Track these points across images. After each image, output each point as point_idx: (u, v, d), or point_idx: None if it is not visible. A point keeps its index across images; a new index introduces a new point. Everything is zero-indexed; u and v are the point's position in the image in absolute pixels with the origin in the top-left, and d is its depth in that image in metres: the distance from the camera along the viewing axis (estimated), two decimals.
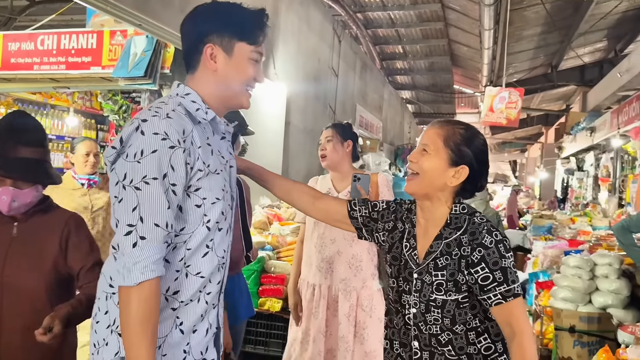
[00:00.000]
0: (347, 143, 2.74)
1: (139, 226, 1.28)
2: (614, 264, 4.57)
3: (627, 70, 8.71)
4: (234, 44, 1.44)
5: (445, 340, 1.55)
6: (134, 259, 1.27)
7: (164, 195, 1.31)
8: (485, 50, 9.34)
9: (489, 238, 1.50)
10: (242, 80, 1.47)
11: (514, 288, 1.48)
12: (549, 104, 17.06)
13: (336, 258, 2.66)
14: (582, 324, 4.51)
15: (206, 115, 1.45)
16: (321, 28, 7.87)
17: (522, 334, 1.46)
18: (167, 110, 1.36)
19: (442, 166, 1.55)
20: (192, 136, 1.37)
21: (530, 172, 21.00)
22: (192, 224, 1.40)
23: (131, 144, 1.31)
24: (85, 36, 4.94)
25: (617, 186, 9.20)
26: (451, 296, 1.52)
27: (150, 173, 1.29)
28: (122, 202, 1.30)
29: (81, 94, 6.90)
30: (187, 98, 1.44)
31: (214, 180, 1.43)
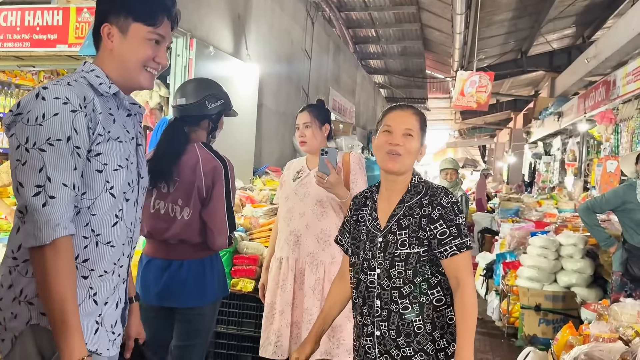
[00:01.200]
0: (324, 127, 2.76)
1: (47, 186, 1.30)
2: (578, 245, 4.71)
3: (594, 56, 8.88)
4: (129, 25, 1.48)
5: (407, 292, 1.76)
6: (45, 217, 1.28)
7: (70, 156, 1.33)
8: (456, 35, 9.40)
9: (445, 199, 1.77)
10: (137, 60, 1.50)
11: (467, 242, 1.74)
12: (518, 90, 17.32)
13: (304, 231, 2.67)
14: (547, 303, 4.65)
15: (109, 90, 1.48)
16: (294, 9, 7.79)
17: (465, 285, 1.71)
18: (69, 80, 1.41)
19: (418, 146, 1.84)
20: (94, 103, 1.41)
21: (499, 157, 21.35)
22: (94, 190, 1.42)
23: (30, 109, 1.33)
24: (50, 13, 4.77)
25: (582, 170, 9.44)
26: (414, 249, 1.75)
27: (53, 135, 1.31)
28: (26, 165, 1.30)
29: (47, 73, 6.70)
30: (91, 74, 1.47)
31: (115, 147, 1.45)
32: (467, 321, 1.68)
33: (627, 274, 3.86)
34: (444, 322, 1.77)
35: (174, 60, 4.65)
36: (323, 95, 9.66)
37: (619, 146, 6.65)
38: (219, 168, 2.35)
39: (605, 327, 3.02)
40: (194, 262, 2.36)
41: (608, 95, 6.98)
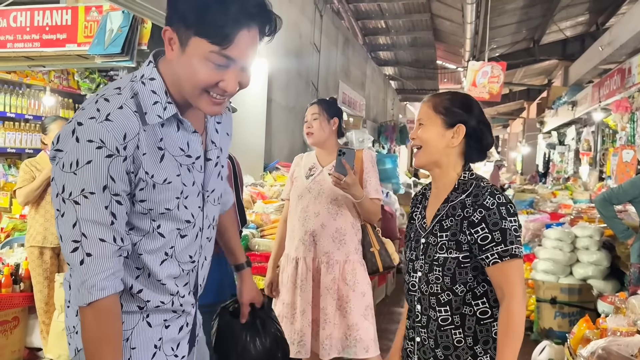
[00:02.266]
0: (333, 120, 2.71)
1: (84, 242, 1.17)
2: (594, 236, 4.64)
3: (609, 44, 8.73)
4: (189, 37, 1.16)
5: (445, 300, 1.61)
6: (82, 277, 1.18)
7: (106, 210, 1.18)
8: (467, 25, 9.28)
9: (490, 200, 1.55)
10: (193, 83, 1.20)
11: (512, 249, 1.52)
12: (531, 79, 17.11)
13: (319, 231, 2.65)
14: (563, 295, 4.59)
15: (163, 113, 1.24)
16: (302, 3, 7.74)
17: (512, 297, 1.51)
18: (110, 109, 1.18)
19: (440, 131, 1.64)
20: (138, 139, 1.20)
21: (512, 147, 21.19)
22: (141, 229, 1.28)
23: (66, 151, 1.16)
24: (59, 12, 4.79)
25: (597, 159, 9.31)
26: (452, 254, 1.59)
27: (87, 186, 1.15)
28: (64, 217, 1.18)
29: (57, 73, 6.73)
30: (147, 85, 1.24)
31: (161, 191, 1.26)
32: (509, 339, 1.50)
33: None
34: (489, 337, 1.60)
35: None
36: (333, 88, 9.61)
37: (635, 135, 6.54)
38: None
39: (622, 320, 2.97)
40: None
41: (623, 84, 6.85)
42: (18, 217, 4.99)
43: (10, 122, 6.34)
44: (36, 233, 3.71)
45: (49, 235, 3.70)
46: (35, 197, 3.67)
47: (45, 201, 3.72)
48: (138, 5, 3.92)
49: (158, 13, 4.11)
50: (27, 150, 6.53)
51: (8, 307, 3.58)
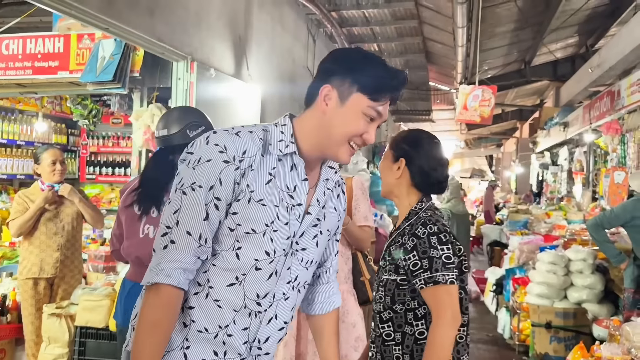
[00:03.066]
0: None
1: (174, 230, 1.28)
2: (588, 260, 4.63)
3: (598, 65, 8.82)
4: (352, 93, 1.37)
5: (386, 317, 1.77)
6: (157, 260, 1.28)
7: (203, 205, 1.29)
8: (459, 48, 9.38)
9: (422, 229, 1.72)
10: (346, 132, 1.38)
11: (436, 276, 1.66)
12: (523, 99, 17.24)
13: None
14: (558, 320, 4.57)
15: (285, 148, 1.38)
16: (295, 27, 7.81)
17: (436, 322, 1.65)
18: (243, 130, 1.36)
19: (389, 164, 1.84)
20: (255, 159, 1.33)
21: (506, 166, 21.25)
22: (222, 243, 1.35)
23: (194, 151, 1.34)
24: (51, 40, 4.82)
25: (590, 180, 9.34)
26: (392, 276, 1.76)
27: (198, 180, 1.29)
28: (170, 204, 1.32)
29: (50, 98, 6.74)
30: (279, 128, 1.41)
31: (254, 210, 1.34)
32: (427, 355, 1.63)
33: (639, 291, 3.77)
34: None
35: (175, 84, 4.64)
36: None
37: (626, 157, 6.57)
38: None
39: (617, 348, 2.95)
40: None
41: (613, 106, 6.91)
42: (7, 245, 4.95)
43: (2, 148, 6.32)
44: (31, 265, 3.65)
45: (45, 265, 3.66)
46: (28, 228, 3.63)
47: (40, 231, 3.67)
48: (129, 33, 3.93)
49: (150, 41, 4.12)
50: (19, 176, 6.50)
51: None
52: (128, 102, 5.26)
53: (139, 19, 3.98)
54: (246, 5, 5.91)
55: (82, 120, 6.10)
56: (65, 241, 3.70)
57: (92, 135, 6.91)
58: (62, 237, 3.69)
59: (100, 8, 3.62)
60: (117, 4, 3.79)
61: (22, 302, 3.66)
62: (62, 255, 3.69)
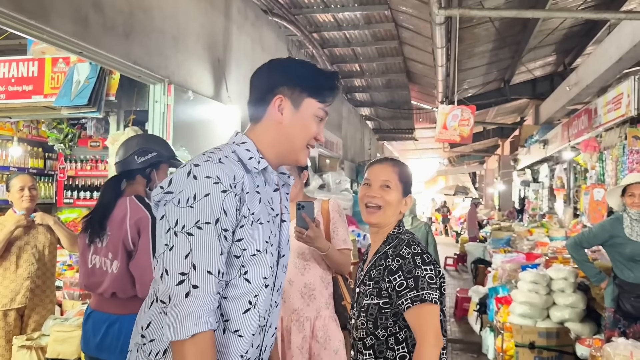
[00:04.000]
0: (303, 174, 2.72)
1: (192, 274, 1.23)
2: (569, 278, 4.63)
3: (576, 84, 8.98)
4: (303, 99, 1.45)
5: (369, 344, 1.75)
6: (187, 310, 1.21)
7: (217, 240, 1.27)
8: (439, 68, 9.48)
9: (406, 249, 1.74)
10: (305, 136, 1.47)
11: (423, 294, 1.66)
12: (504, 117, 17.46)
13: (287, 288, 2.57)
14: (542, 340, 4.54)
15: (258, 165, 1.42)
16: (275, 48, 7.83)
17: (422, 342, 1.63)
18: (220, 156, 1.36)
19: (399, 197, 1.86)
20: (243, 182, 1.35)
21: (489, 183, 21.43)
22: (229, 273, 1.34)
23: (182, 189, 1.29)
24: (25, 64, 4.75)
25: (571, 196, 9.42)
26: (374, 300, 1.74)
27: (203, 217, 1.26)
28: (173, 250, 1.25)
29: (26, 122, 6.62)
30: (242, 146, 1.43)
31: (256, 230, 1.37)
32: None
33: (619, 311, 3.75)
34: None
35: (152, 107, 4.59)
36: None
37: (604, 174, 6.63)
38: (145, 219, 2.38)
39: None
40: (128, 317, 2.33)
41: (590, 124, 7.00)
42: None
43: None
44: (1, 296, 3.54)
45: (15, 296, 3.55)
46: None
47: (10, 261, 3.57)
48: (104, 57, 3.89)
49: (125, 64, 4.08)
50: None
51: None
52: (105, 125, 5.20)
53: (114, 42, 3.95)
54: (225, 27, 5.91)
55: (57, 145, 6.00)
56: (37, 269, 3.60)
57: (69, 159, 6.80)
58: (33, 265, 3.60)
59: (74, 32, 3.58)
60: (92, 28, 3.75)
61: None
62: (32, 283, 3.59)
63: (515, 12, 6.28)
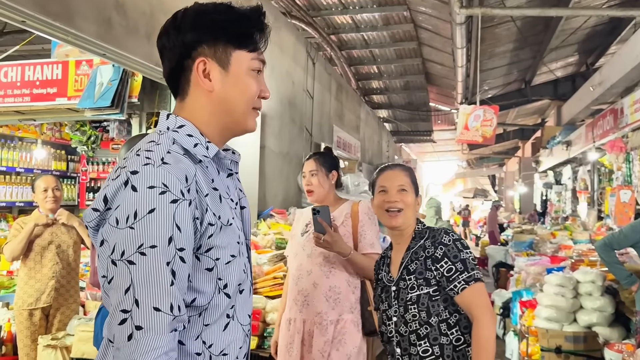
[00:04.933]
0: (332, 174, 2.62)
1: (135, 312, 0.99)
2: (597, 281, 4.51)
3: (600, 84, 8.82)
4: (230, 54, 1.16)
5: (424, 333, 1.79)
6: (129, 357, 0.98)
7: (167, 267, 1.01)
8: (458, 69, 9.40)
9: (446, 237, 1.83)
10: (246, 99, 1.18)
11: (474, 274, 1.76)
12: (524, 118, 17.27)
13: (312, 290, 2.52)
14: (568, 344, 4.43)
15: (207, 152, 1.16)
16: (294, 51, 7.83)
17: (479, 320, 1.71)
18: (161, 154, 1.07)
19: (414, 198, 1.98)
20: (197, 181, 1.09)
21: (509, 185, 21.16)
22: (205, 293, 1.11)
23: (119, 205, 1.02)
24: (50, 67, 4.81)
25: (595, 199, 9.25)
26: (423, 290, 1.79)
27: (147, 240, 1.00)
28: (112, 282, 1.02)
29: (50, 125, 6.72)
30: (181, 132, 1.14)
31: (227, 234, 1.14)
32: (481, 356, 1.69)
33: None
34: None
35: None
36: (327, 133, 9.63)
37: (631, 175, 6.49)
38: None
39: None
40: None
41: (616, 124, 6.86)
42: (5, 274, 4.87)
43: (1, 175, 6.28)
44: (27, 295, 3.57)
45: (41, 295, 3.58)
46: (20, 252, 3.55)
47: (34, 261, 3.60)
48: (127, 59, 3.91)
49: (148, 66, 4.10)
50: (18, 203, 6.45)
51: None
52: (127, 127, 5.23)
53: (137, 44, 3.97)
54: None
55: (80, 147, 6.07)
56: (61, 269, 3.64)
57: (91, 161, 6.87)
58: (58, 265, 3.63)
59: (98, 34, 3.60)
60: (115, 30, 3.77)
61: (18, 334, 3.57)
62: (57, 283, 3.62)
63: (539, 11, 6.19)
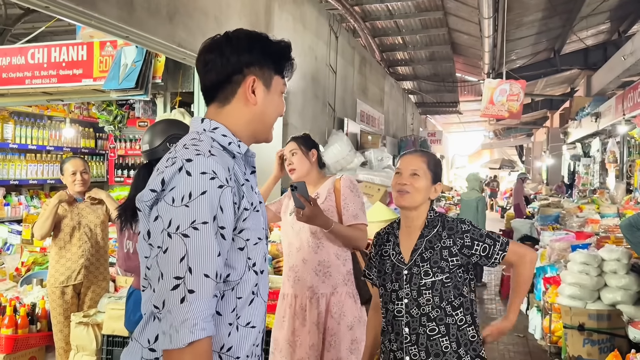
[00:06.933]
0: (311, 152, 2.72)
1: (187, 278, 1.15)
2: (622, 260, 4.47)
3: (631, 53, 8.53)
4: (272, 77, 1.40)
5: (434, 316, 1.94)
6: (182, 316, 1.13)
7: (215, 241, 1.19)
8: (485, 39, 9.19)
9: (464, 226, 2.00)
10: (276, 115, 1.44)
11: (502, 240, 1.98)
12: (553, 88, 16.83)
13: (302, 266, 2.63)
14: (592, 322, 4.42)
15: (239, 149, 1.37)
16: (317, 25, 7.75)
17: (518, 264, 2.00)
18: (207, 147, 1.27)
19: (429, 185, 2.05)
20: (235, 172, 1.30)
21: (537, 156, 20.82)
22: (238, 270, 1.29)
23: (175, 186, 1.21)
24: (75, 48, 4.88)
25: (624, 171, 9.05)
26: (438, 277, 1.94)
27: (199, 217, 1.18)
28: (167, 252, 1.17)
29: (78, 104, 6.85)
30: (217, 132, 1.35)
31: (256, 218, 1.34)
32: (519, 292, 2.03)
33: None
34: (467, 340, 1.96)
35: (197, 88, 4.65)
36: (350, 107, 9.57)
37: None
38: None
39: None
40: None
41: None
42: (39, 250, 5.05)
43: (32, 154, 6.45)
44: (59, 274, 3.69)
45: (71, 273, 3.70)
46: (48, 230, 3.64)
47: (64, 241, 3.70)
48: (150, 40, 3.95)
49: (170, 47, 4.14)
50: (49, 181, 6.63)
51: (24, 348, 3.59)
52: (152, 107, 5.30)
53: (159, 25, 3.99)
54: (266, 5, 5.87)
55: (107, 127, 6.17)
56: (90, 247, 3.74)
57: (119, 139, 7.00)
58: (87, 243, 3.73)
59: (120, 17, 3.64)
60: (137, 12, 3.80)
61: (51, 311, 3.71)
62: (87, 261, 3.73)
63: None
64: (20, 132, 6.19)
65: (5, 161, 6.06)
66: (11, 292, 4.35)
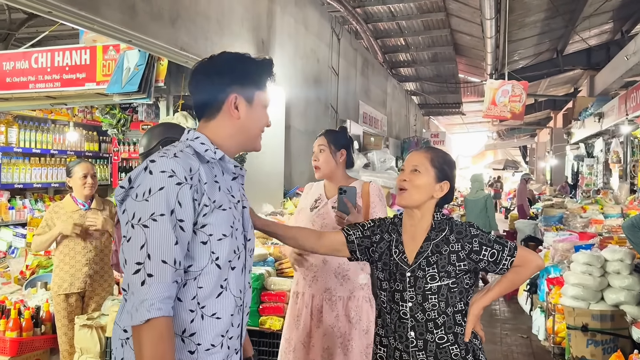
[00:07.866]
0: (340, 152, 2.65)
1: (147, 264, 1.30)
2: (625, 260, 4.46)
3: (635, 53, 8.51)
4: (254, 93, 1.55)
5: (441, 322, 1.86)
6: (141, 297, 1.29)
7: (172, 231, 1.33)
8: (487, 40, 9.19)
9: (473, 230, 1.90)
10: (260, 127, 1.60)
11: (511, 246, 1.89)
12: (556, 88, 16.80)
13: (321, 267, 2.60)
14: (595, 322, 4.41)
15: (214, 155, 1.50)
16: (319, 27, 7.77)
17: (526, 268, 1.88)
18: (175, 151, 1.42)
19: (431, 182, 1.91)
20: (199, 173, 1.42)
21: (540, 156, 20.78)
22: (199, 261, 1.41)
23: (139, 184, 1.37)
24: (78, 52, 4.90)
25: (628, 172, 9.03)
26: (444, 282, 1.85)
27: (157, 210, 1.32)
28: (130, 241, 1.33)
29: (81, 107, 6.88)
30: (196, 141, 1.51)
31: (220, 216, 1.45)
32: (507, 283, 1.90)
33: None
34: (474, 347, 1.91)
35: None
36: (353, 109, 9.58)
37: None
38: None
39: None
40: None
41: None
42: (43, 254, 5.06)
43: (36, 157, 6.48)
44: (62, 280, 3.67)
45: (75, 280, 3.68)
46: (45, 248, 3.71)
47: (68, 247, 3.70)
48: (152, 44, 3.97)
49: (173, 51, 4.16)
50: (53, 184, 6.66)
51: (29, 351, 3.61)
52: (155, 110, 5.32)
53: (161, 29, 4.02)
54: (268, 9, 5.89)
55: (111, 130, 6.20)
56: (94, 256, 3.74)
57: (123, 142, 7.02)
58: (91, 252, 3.73)
59: (123, 21, 3.66)
60: (139, 17, 3.82)
61: (55, 314, 3.71)
62: (90, 269, 3.72)
63: None
64: (24, 136, 6.23)
65: (10, 165, 6.09)
66: (16, 295, 4.37)
